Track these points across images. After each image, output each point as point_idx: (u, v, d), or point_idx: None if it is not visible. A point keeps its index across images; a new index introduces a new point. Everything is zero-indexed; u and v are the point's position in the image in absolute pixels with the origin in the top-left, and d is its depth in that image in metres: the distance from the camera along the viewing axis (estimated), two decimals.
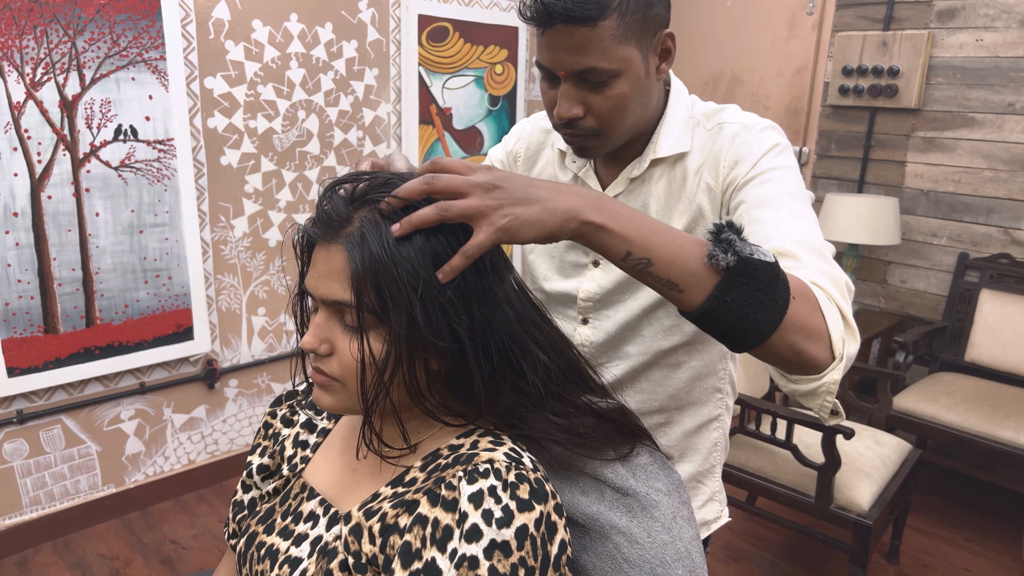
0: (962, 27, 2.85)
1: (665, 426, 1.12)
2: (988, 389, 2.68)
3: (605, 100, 0.91)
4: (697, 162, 0.99)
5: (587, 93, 0.91)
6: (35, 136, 2.10)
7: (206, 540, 2.44)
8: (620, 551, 0.74)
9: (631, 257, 0.70)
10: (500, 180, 0.67)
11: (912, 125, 3.03)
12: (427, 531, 0.66)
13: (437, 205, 0.66)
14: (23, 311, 2.16)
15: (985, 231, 2.90)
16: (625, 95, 0.91)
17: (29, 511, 2.35)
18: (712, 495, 1.19)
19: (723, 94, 3.57)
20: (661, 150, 1.00)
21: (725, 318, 0.70)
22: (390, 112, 2.99)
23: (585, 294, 1.09)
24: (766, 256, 0.69)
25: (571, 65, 0.89)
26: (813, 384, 0.75)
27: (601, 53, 0.87)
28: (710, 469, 1.17)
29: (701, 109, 1.03)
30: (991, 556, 2.48)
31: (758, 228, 0.86)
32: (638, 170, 1.02)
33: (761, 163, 0.92)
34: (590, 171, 1.08)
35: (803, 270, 0.78)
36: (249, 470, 0.89)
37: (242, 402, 2.80)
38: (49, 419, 2.33)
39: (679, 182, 1.01)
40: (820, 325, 0.73)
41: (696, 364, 1.08)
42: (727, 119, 0.99)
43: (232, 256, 2.64)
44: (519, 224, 0.66)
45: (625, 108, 0.92)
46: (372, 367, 0.69)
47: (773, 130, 0.97)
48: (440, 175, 0.66)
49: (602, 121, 0.93)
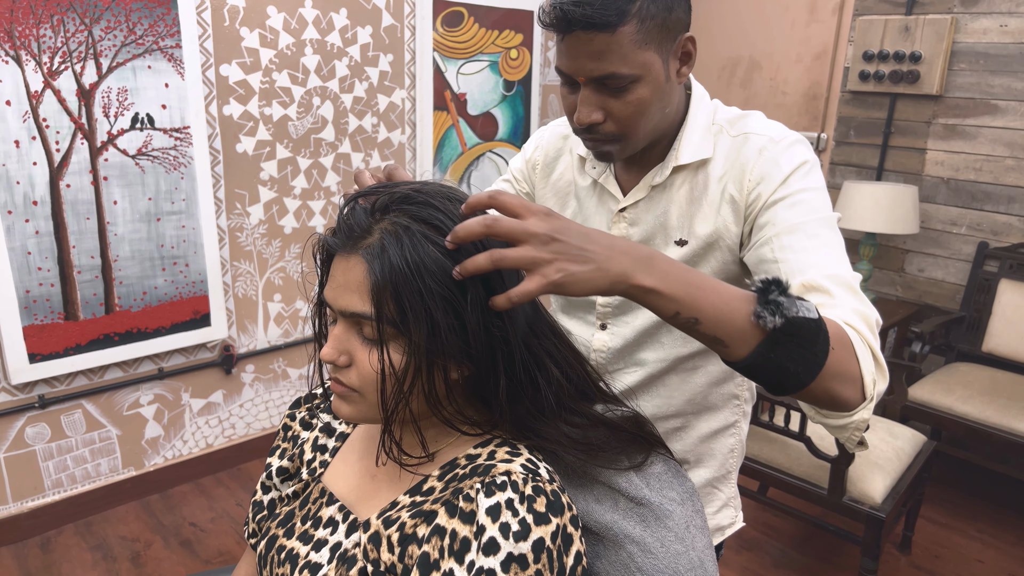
0: (986, 12, 2.80)
1: (681, 430, 1.13)
2: (1005, 380, 2.66)
3: (625, 105, 0.90)
4: (720, 170, 0.99)
5: (607, 98, 0.90)
6: (53, 125, 2.11)
7: (224, 523, 2.49)
8: (633, 560, 0.75)
9: (680, 316, 0.70)
10: (558, 232, 0.66)
11: (933, 112, 2.98)
12: (445, 542, 0.67)
13: (491, 254, 0.65)
14: (44, 298, 2.19)
15: (1006, 220, 2.87)
16: (645, 100, 0.90)
17: (51, 493, 2.40)
18: (727, 501, 1.19)
19: (740, 79, 3.53)
20: (683, 157, 0.99)
21: (767, 371, 0.71)
22: (405, 98, 2.99)
23: (604, 299, 1.09)
24: (810, 313, 0.70)
25: (591, 71, 0.88)
26: (843, 421, 0.78)
27: (621, 59, 0.87)
28: (726, 475, 1.18)
29: (724, 115, 1.02)
30: (1003, 548, 2.48)
31: (789, 257, 0.87)
32: (660, 177, 1.02)
33: (790, 182, 0.92)
34: (610, 176, 1.07)
35: (837, 308, 0.80)
36: (269, 472, 0.91)
37: (259, 387, 2.83)
38: (70, 404, 2.37)
39: (701, 189, 1.00)
40: (855, 370, 0.75)
41: (713, 369, 1.09)
42: (753, 129, 0.98)
43: (248, 243, 2.66)
44: (571, 281, 0.66)
45: (645, 113, 0.92)
46: (391, 378, 0.70)
47: (801, 145, 0.96)
48: (501, 219, 0.65)
49: (622, 126, 0.92)
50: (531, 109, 3.44)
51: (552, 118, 3.61)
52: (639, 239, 1.04)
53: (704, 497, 1.17)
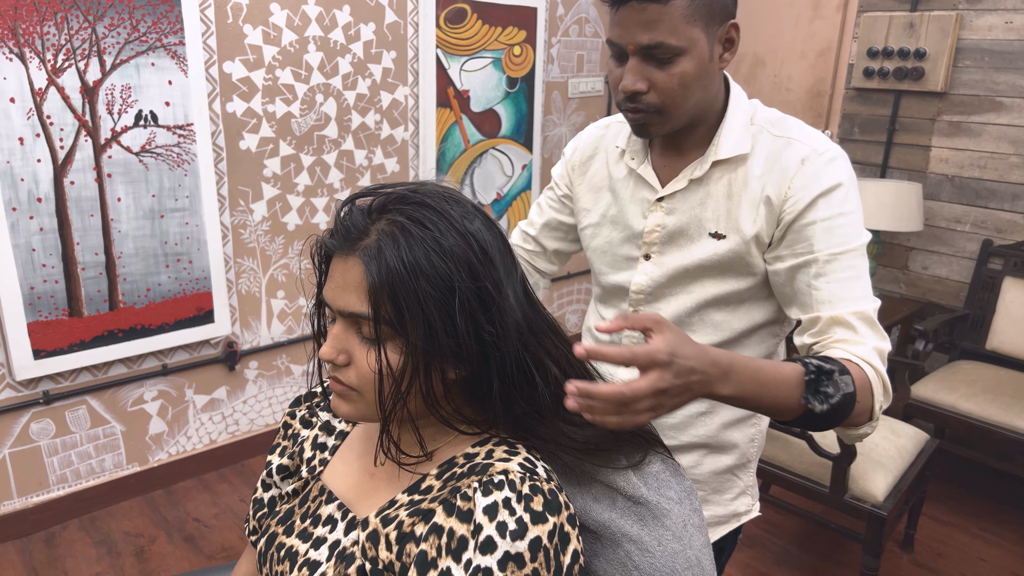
0: (991, 9, 2.78)
1: (706, 415, 1.15)
2: (1008, 378, 2.66)
3: (669, 77, 0.95)
4: (760, 168, 1.02)
5: (653, 69, 0.96)
6: (57, 122, 2.12)
7: (227, 518, 2.50)
8: (631, 559, 0.75)
9: (744, 406, 0.83)
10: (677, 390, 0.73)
11: (938, 109, 2.97)
12: (442, 541, 0.68)
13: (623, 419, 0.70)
14: (48, 295, 2.20)
15: (1010, 218, 2.86)
16: (689, 74, 0.95)
17: (56, 489, 2.42)
18: (745, 489, 1.23)
19: (744, 76, 3.52)
20: (723, 152, 1.03)
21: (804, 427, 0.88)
22: (407, 95, 2.99)
23: (637, 286, 1.14)
24: (847, 388, 0.85)
25: (640, 40, 0.94)
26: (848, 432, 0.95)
27: (670, 30, 0.92)
28: (746, 464, 1.21)
29: (765, 115, 1.06)
30: (1006, 546, 2.47)
31: (822, 286, 0.97)
32: (700, 171, 1.05)
33: (830, 203, 0.98)
34: (648, 167, 1.11)
35: (860, 346, 0.93)
36: (269, 469, 0.91)
37: (262, 383, 2.84)
38: (75, 400, 2.38)
39: (740, 185, 1.04)
40: (869, 405, 0.91)
41: None
42: (797, 136, 1.02)
43: (251, 240, 2.67)
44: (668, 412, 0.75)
45: (687, 87, 0.96)
46: (389, 377, 0.70)
47: (843, 160, 1.01)
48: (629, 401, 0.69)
49: (664, 97, 0.97)
50: (534, 106, 3.44)
51: (555, 115, 3.61)
52: (674, 227, 1.09)
53: (723, 484, 1.20)
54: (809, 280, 0.98)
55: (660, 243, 1.10)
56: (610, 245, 1.16)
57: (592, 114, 3.79)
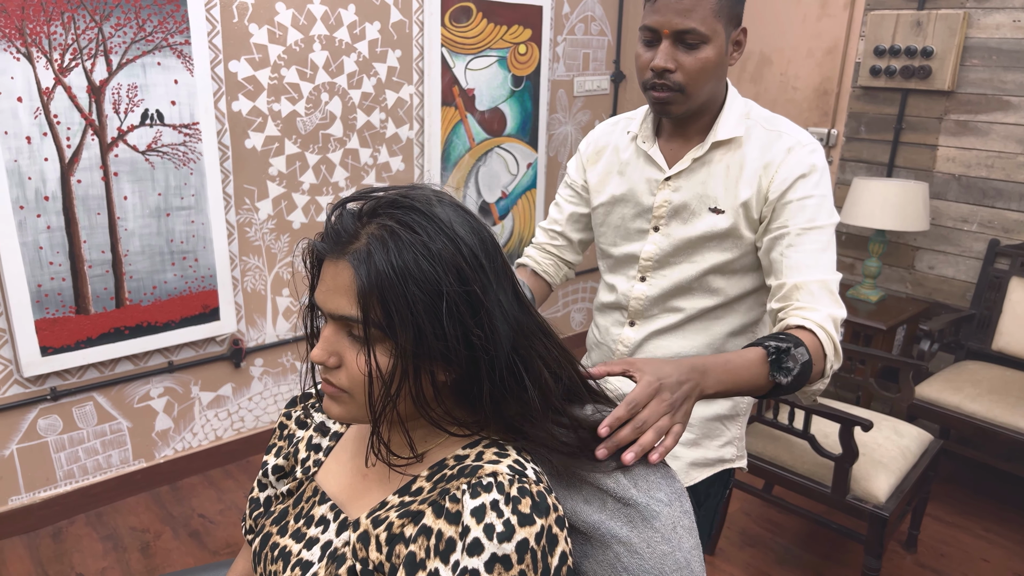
0: (999, 7, 2.76)
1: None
2: (1014, 379, 2.64)
3: (695, 61, 1.12)
4: (755, 154, 1.21)
5: (681, 54, 1.13)
6: (64, 121, 2.14)
7: (232, 515, 2.52)
8: (620, 560, 0.76)
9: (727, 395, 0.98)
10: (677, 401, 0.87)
11: (945, 108, 2.96)
12: (431, 542, 0.68)
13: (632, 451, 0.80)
14: (55, 292, 2.22)
15: (1017, 217, 2.84)
16: (711, 61, 1.13)
17: (63, 484, 2.44)
18: (732, 439, 1.36)
19: (751, 74, 3.50)
20: (720, 134, 1.22)
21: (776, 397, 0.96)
22: (412, 94, 2.99)
23: (647, 255, 1.30)
24: (803, 357, 1.01)
25: (675, 24, 1.10)
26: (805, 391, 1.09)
27: (701, 19, 1.10)
28: (735, 416, 1.35)
29: (760, 112, 1.25)
30: (1009, 547, 2.46)
31: (791, 254, 1.14)
32: (700, 151, 1.23)
33: (808, 183, 1.16)
34: (657, 150, 1.28)
35: (816, 312, 1.08)
36: (265, 469, 0.92)
37: (267, 380, 2.86)
38: (82, 396, 2.40)
39: (738, 166, 1.21)
40: (822, 367, 1.06)
41: (734, 322, 1.30)
42: (785, 130, 1.22)
43: (257, 238, 2.68)
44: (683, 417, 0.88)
45: (707, 72, 1.14)
46: (379, 380, 0.71)
47: (820, 152, 1.20)
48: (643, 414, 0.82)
49: (688, 78, 1.14)
50: (539, 104, 3.44)
51: (561, 113, 3.61)
52: (679, 203, 1.25)
53: (712, 430, 1.34)
54: (782, 250, 1.15)
55: (667, 216, 1.27)
56: (623, 220, 1.33)
57: (598, 112, 3.79)
